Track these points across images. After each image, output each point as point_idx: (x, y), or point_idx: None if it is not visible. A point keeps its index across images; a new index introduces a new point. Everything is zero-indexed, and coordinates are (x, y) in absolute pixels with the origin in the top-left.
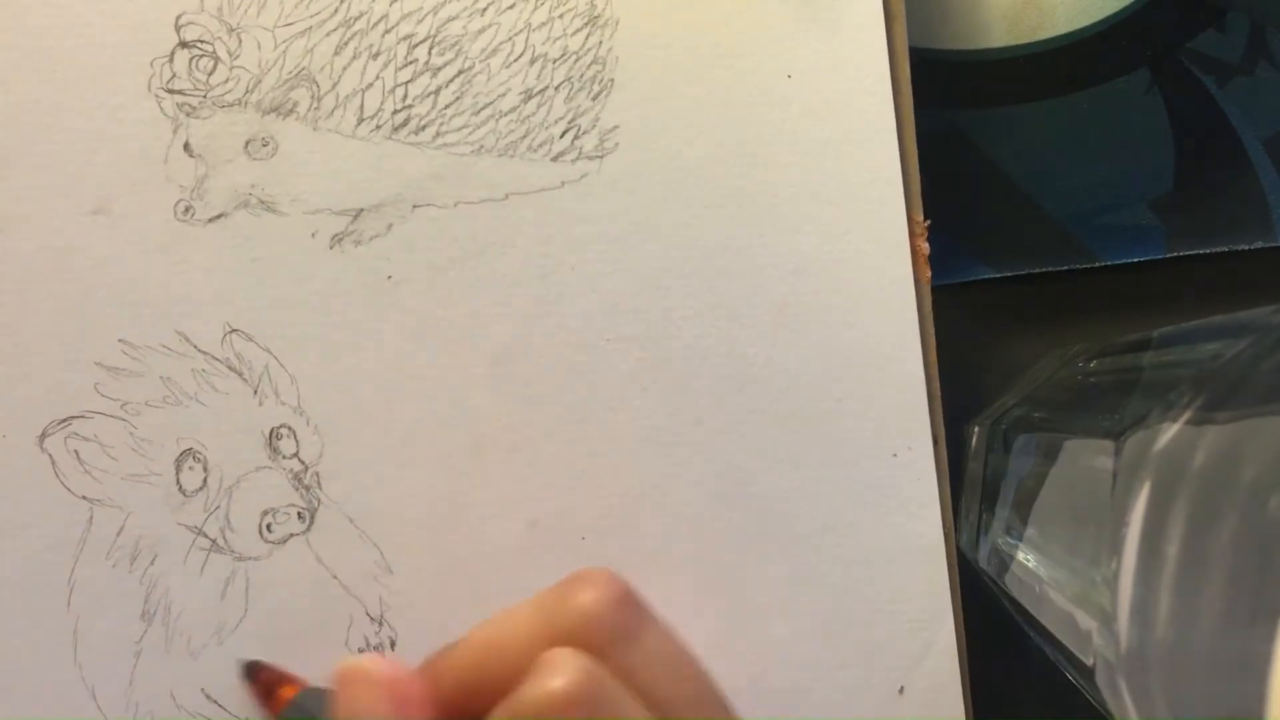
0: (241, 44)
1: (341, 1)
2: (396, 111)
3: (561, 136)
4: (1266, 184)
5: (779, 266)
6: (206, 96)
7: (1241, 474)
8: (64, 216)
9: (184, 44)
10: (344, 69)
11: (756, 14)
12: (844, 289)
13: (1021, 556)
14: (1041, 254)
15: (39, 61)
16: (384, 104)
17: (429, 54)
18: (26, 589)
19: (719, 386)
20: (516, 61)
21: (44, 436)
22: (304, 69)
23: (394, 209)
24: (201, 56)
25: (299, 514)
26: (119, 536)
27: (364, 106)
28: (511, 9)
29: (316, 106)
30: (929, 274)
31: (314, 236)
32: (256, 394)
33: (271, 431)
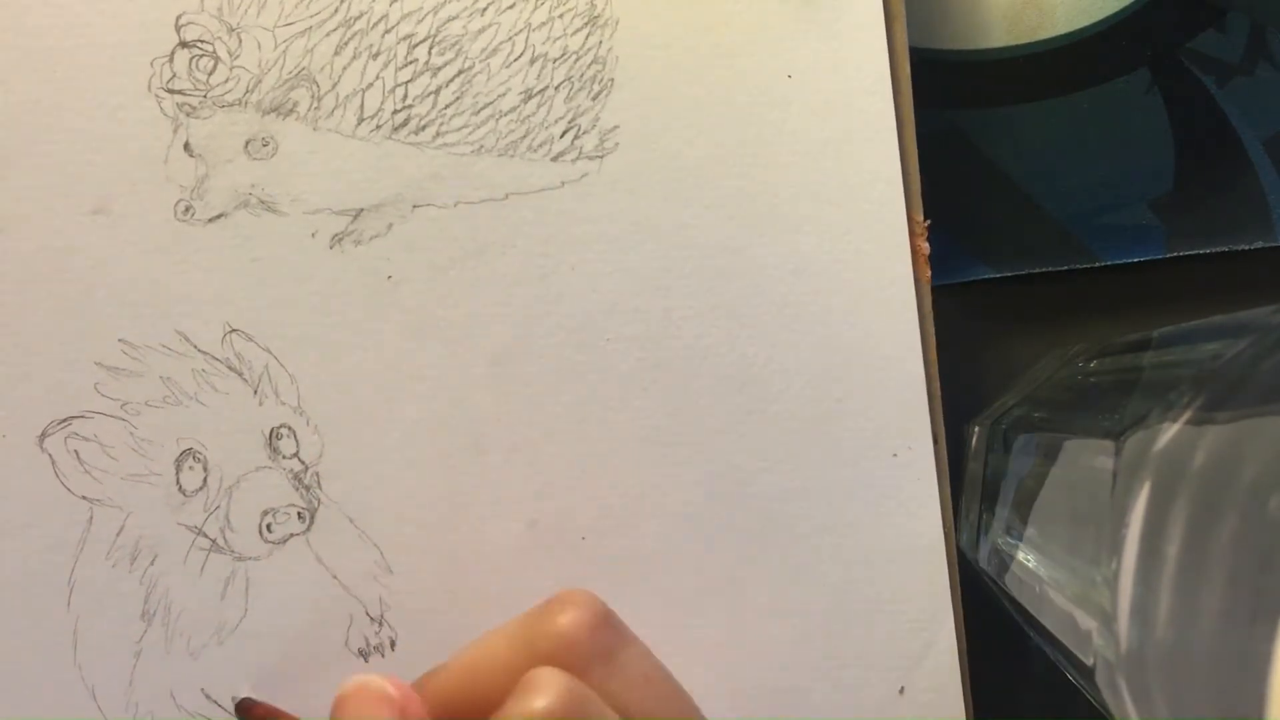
0: (242, 44)
1: (341, 1)
2: (396, 111)
3: (561, 136)
4: (1266, 184)
5: (779, 266)
6: (207, 96)
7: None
8: (64, 216)
9: (184, 44)
10: (344, 69)
11: (756, 14)
12: (844, 289)
13: (1021, 556)
14: (1041, 254)
15: (39, 61)
16: (384, 104)
17: (429, 54)
18: (26, 589)
19: (719, 386)
20: (516, 61)
21: (44, 436)
22: (304, 69)
23: (394, 209)
24: (202, 56)
25: (299, 514)
26: (119, 536)
27: (364, 106)
28: (511, 9)
29: (316, 106)
30: (929, 274)
31: (314, 236)
32: (256, 394)
33: (271, 431)
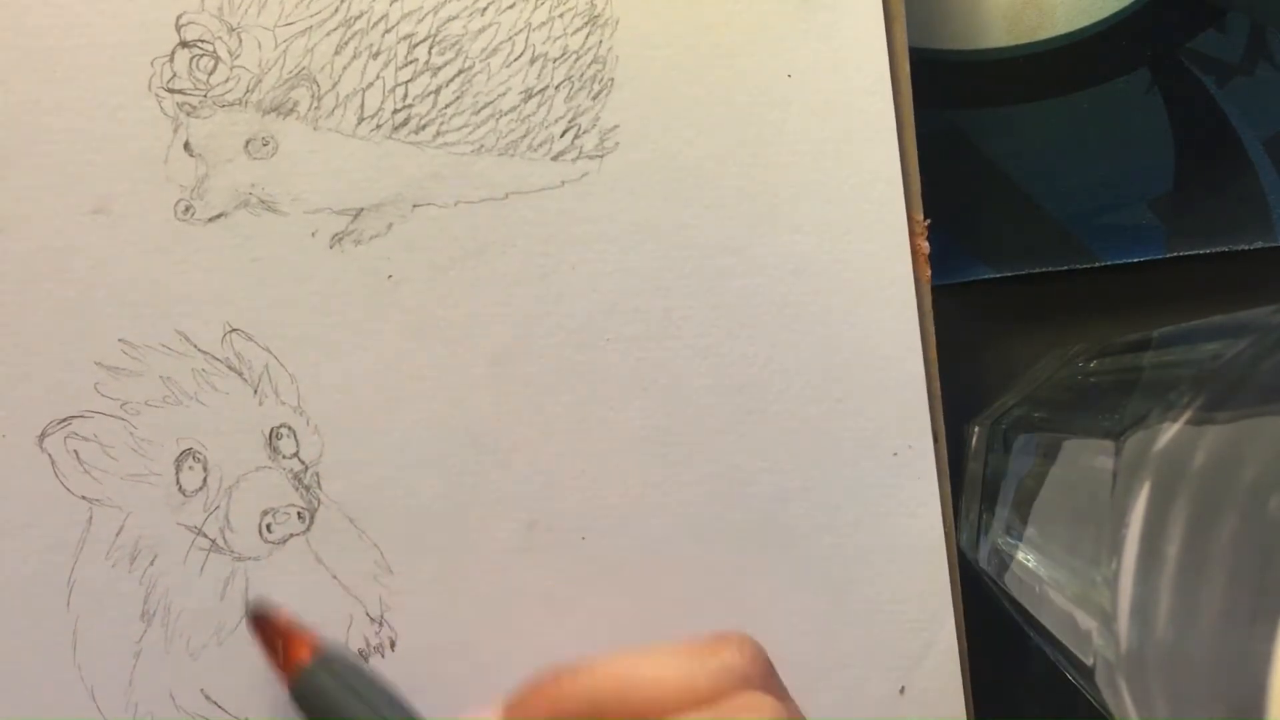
0: (242, 43)
1: (342, 1)
2: (397, 111)
3: (562, 136)
4: (1266, 184)
5: (779, 266)
6: (207, 96)
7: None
8: (64, 216)
9: (184, 43)
10: (344, 68)
11: (756, 14)
12: (844, 289)
13: (1021, 556)
14: (1041, 254)
15: (39, 61)
16: (384, 103)
17: (429, 53)
18: (26, 589)
19: (719, 386)
20: (517, 61)
21: (44, 436)
22: (304, 68)
23: (394, 208)
24: (202, 56)
25: (299, 514)
26: (119, 536)
27: (364, 106)
28: (511, 8)
29: (317, 106)
30: (929, 274)
31: (314, 236)
32: (256, 394)
33: (271, 431)
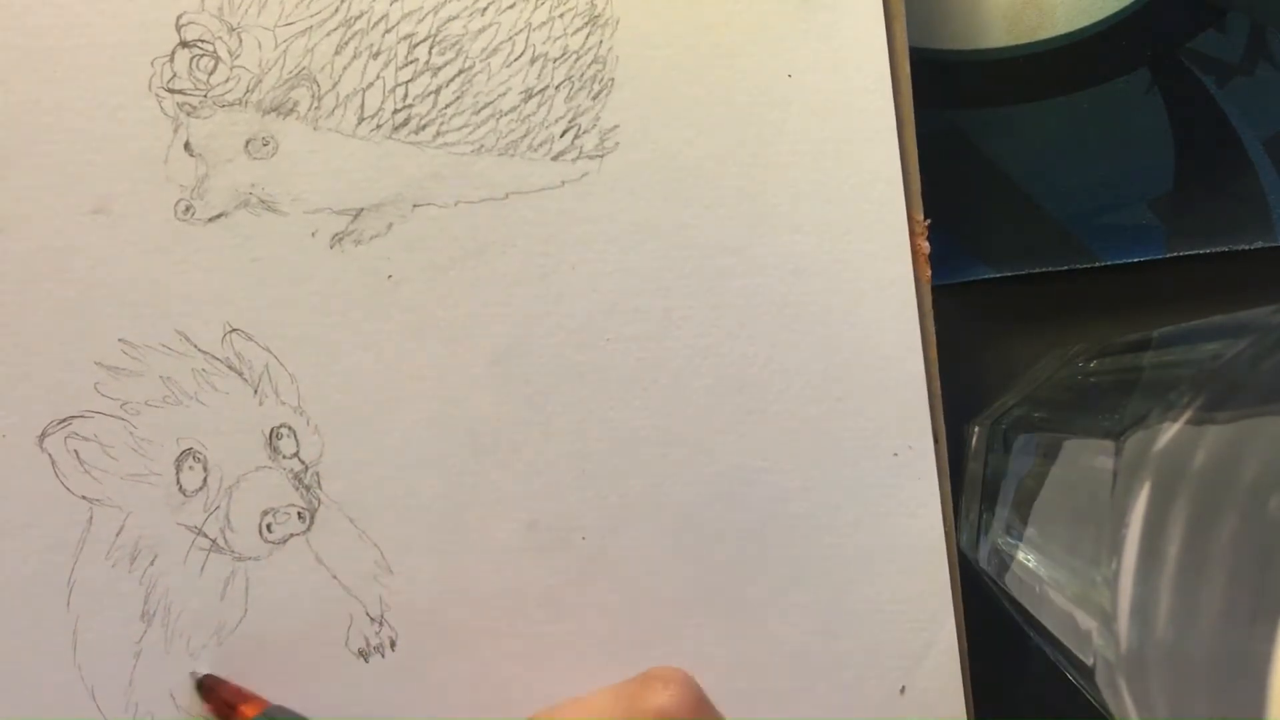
0: (242, 43)
1: (342, 1)
2: (397, 111)
3: (562, 136)
4: (1266, 184)
5: (779, 266)
6: (207, 96)
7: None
8: (64, 216)
9: (184, 43)
10: (344, 68)
11: (756, 14)
12: (844, 289)
13: (1021, 556)
14: (1041, 254)
15: (39, 61)
16: (384, 103)
17: (429, 53)
18: (26, 589)
19: (719, 386)
20: (517, 61)
21: (44, 436)
22: (304, 68)
23: (394, 208)
24: (202, 56)
25: (299, 514)
26: (119, 536)
27: (364, 106)
28: (512, 8)
29: (317, 106)
30: (929, 273)
31: (314, 236)
32: (256, 394)
33: (271, 431)
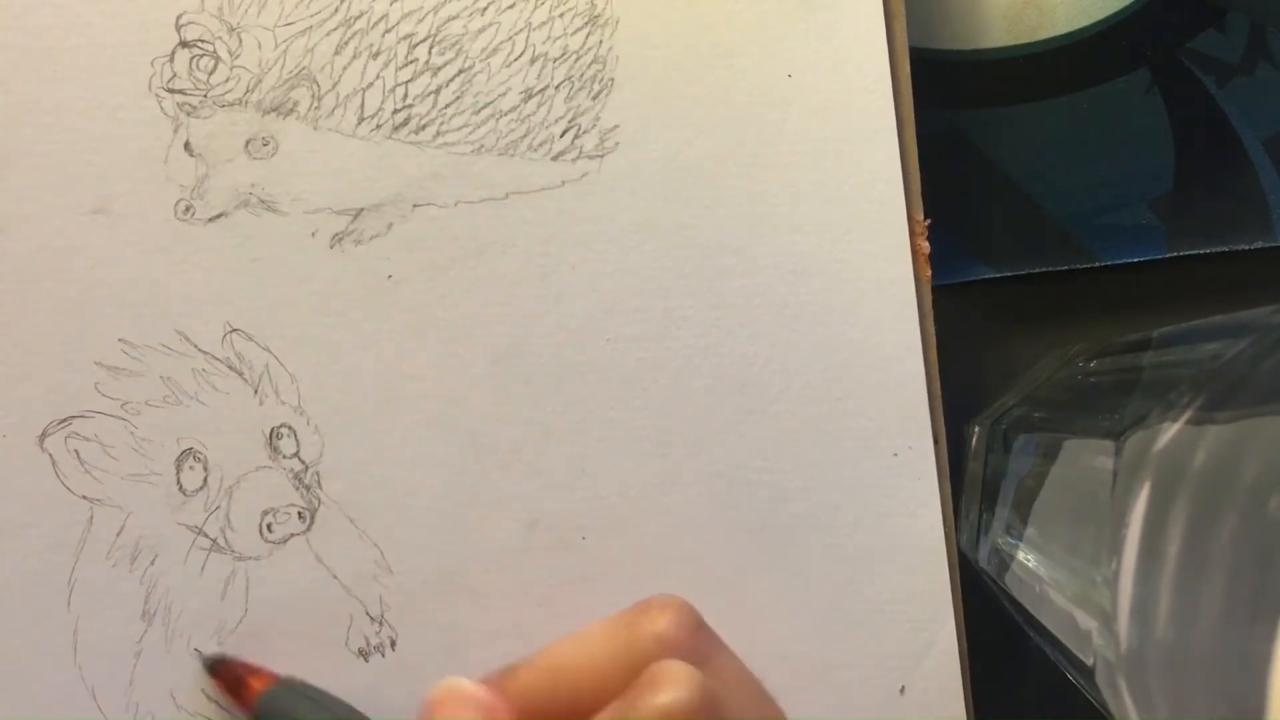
0: (242, 43)
1: (342, 1)
2: (397, 111)
3: (562, 136)
4: (1266, 184)
5: (779, 266)
6: (207, 96)
7: (1241, 474)
8: (64, 216)
9: (184, 43)
10: (344, 68)
11: (756, 14)
12: (844, 289)
13: (1021, 556)
14: (1041, 254)
15: (39, 61)
16: (384, 103)
17: (429, 53)
18: (26, 589)
19: (719, 386)
20: (517, 61)
21: (44, 436)
22: (304, 68)
23: (394, 208)
24: (202, 56)
25: (299, 514)
26: (119, 536)
27: (364, 106)
28: (512, 8)
29: (317, 106)
30: (929, 273)
31: (314, 236)
32: (256, 394)
33: (271, 431)
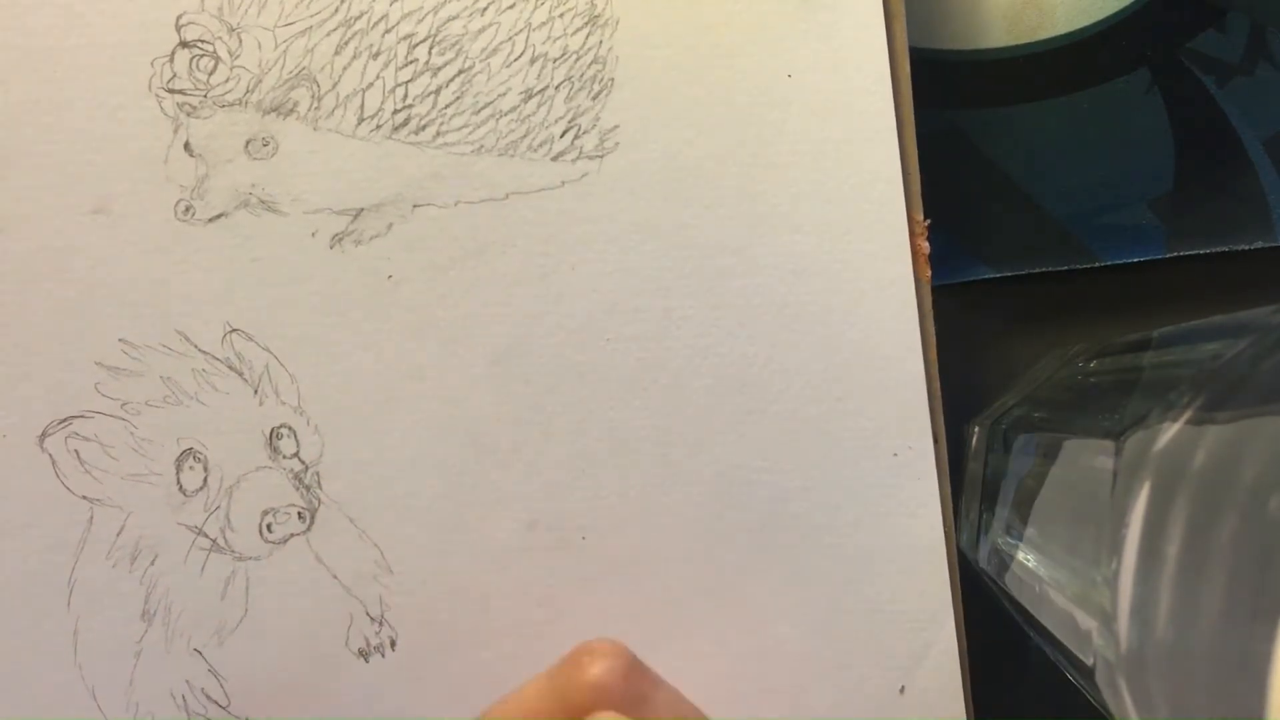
0: (242, 44)
1: (342, 1)
2: (397, 111)
3: (562, 136)
4: (1266, 184)
5: (779, 266)
6: (207, 96)
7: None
8: (64, 216)
9: (184, 44)
10: (344, 69)
11: (756, 14)
12: (844, 289)
13: (1021, 556)
14: (1041, 254)
15: (39, 61)
16: (384, 104)
17: (429, 53)
18: (26, 589)
19: (719, 386)
20: (517, 61)
21: (44, 436)
22: (304, 69)
23: (394, 209)
24: (202, 56)
25: (299, 514)
26: (119, 536)
27: (364, 106)
28: (512, 9)
29: (317, 106)
30: (929, 273)
31: (314, 236)
32: (256, 394)
33: (271, 431)
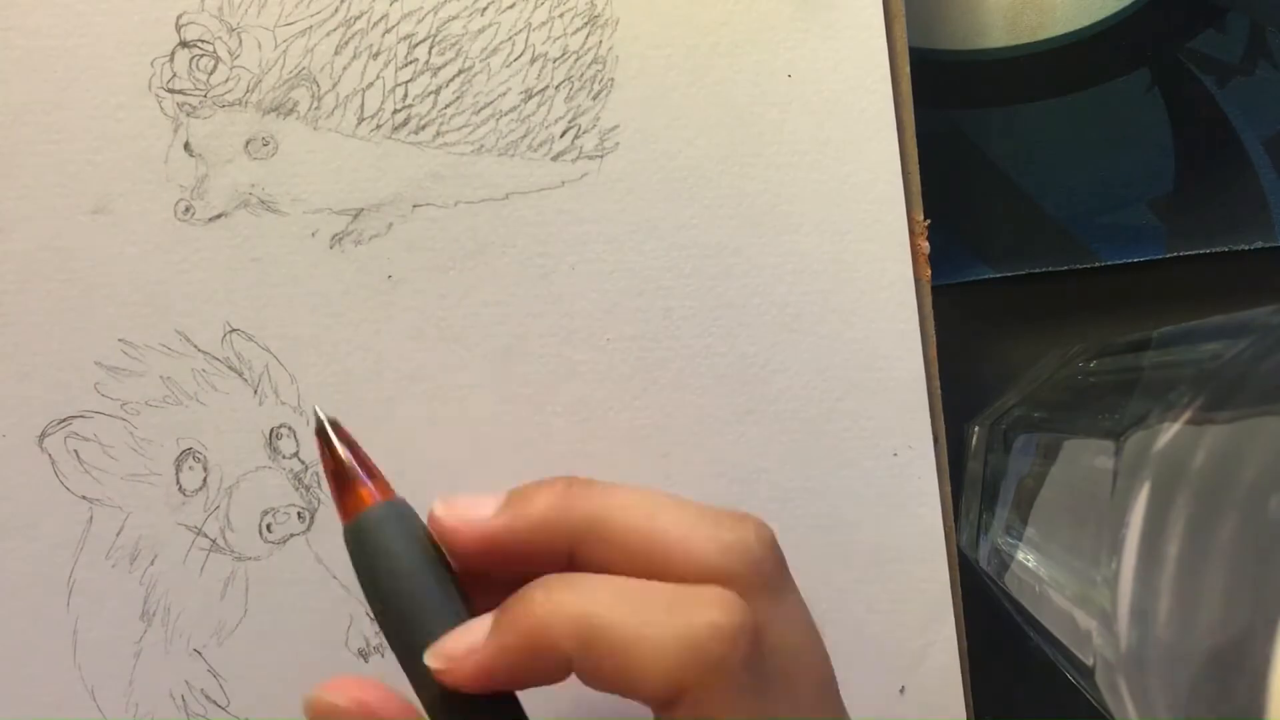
0: (242, 44)
1: (342, 1)
2: (397, 111)
3: (562, 136)
4: (1266, 184)
5: (779, 266)
6: (207, 96)
7: (1241, 474)
8: (64, 216)
9: (184, 44)
10: (344, 68)
11: (756, 14)
12: (844, 289)
13: (1021, 556)
14: (1041, 254)
15: (39, 61)
16: (384, 103)
17: (429, 53)
18: (26, 589)
19: (719, 386)
20: (517, 61)
21: (44, 436)
22: (304, 68)
23: (394, 208)
24: (202, 56)
25: (299, 514)
26: (119, 536)
27: (364, 106)
28: (511, 8)
29: (317, 106)
30: (929, 273)
31: (314, 236)
32: (256, 394)
33: (271, 431)
